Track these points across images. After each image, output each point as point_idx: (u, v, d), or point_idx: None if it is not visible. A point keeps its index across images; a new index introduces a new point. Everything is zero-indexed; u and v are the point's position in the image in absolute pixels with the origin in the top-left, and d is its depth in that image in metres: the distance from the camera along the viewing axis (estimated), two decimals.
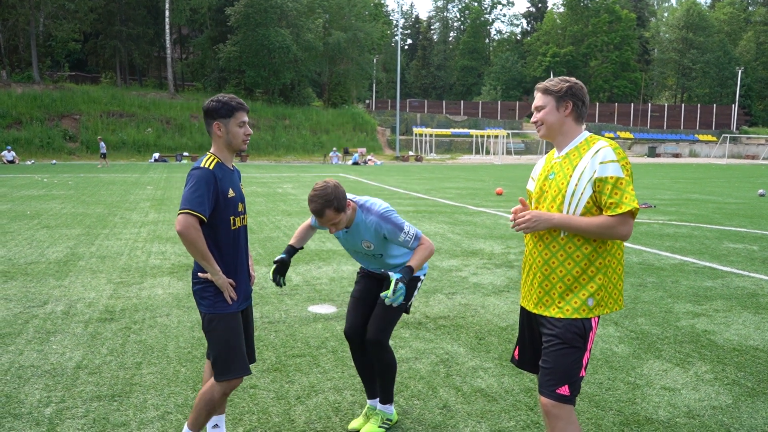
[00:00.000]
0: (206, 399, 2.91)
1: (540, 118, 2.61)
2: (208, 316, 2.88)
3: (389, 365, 3.34)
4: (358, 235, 3.25)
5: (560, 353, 2.48)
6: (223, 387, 2.89)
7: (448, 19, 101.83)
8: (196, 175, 2.80)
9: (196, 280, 2.92)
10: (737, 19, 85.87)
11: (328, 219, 3.04)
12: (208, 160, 2.88)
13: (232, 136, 2.90)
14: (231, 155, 2.98)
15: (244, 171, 30.24)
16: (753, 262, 8.28)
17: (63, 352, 4.56)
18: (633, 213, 2.40)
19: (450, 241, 9.79)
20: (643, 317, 5.63)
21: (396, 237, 3.16)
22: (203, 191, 2.76)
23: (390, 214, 3.19)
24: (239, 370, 2.89)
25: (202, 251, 2.78)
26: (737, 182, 26.19)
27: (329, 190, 3.01)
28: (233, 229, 2.93)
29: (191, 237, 2.73)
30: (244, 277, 3.01)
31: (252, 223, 11.55)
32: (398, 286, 3.03)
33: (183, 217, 2.73)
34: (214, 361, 2.89)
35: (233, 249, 2.94)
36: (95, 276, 7.03)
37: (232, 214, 2.91)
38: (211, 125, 2.89)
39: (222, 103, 2.88)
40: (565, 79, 2.58)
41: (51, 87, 45.49)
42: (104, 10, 51.08)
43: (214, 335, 2.87)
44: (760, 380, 4.18)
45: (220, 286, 2.85)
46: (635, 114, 73.70)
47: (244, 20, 50.10)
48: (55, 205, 13.81)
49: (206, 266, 2.82)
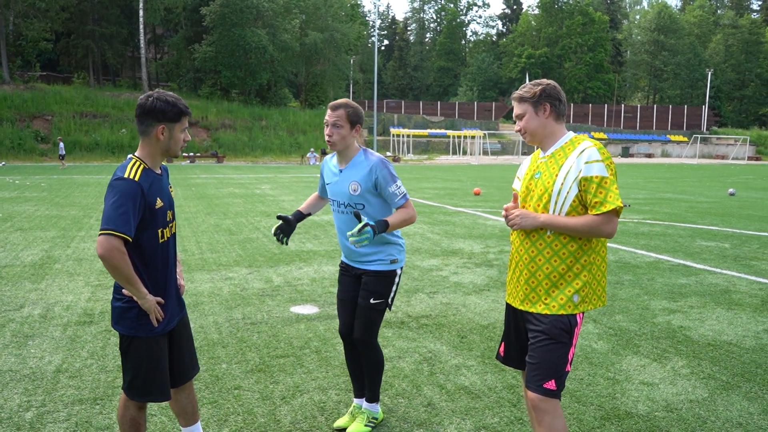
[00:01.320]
0: (128, 420, 2.70)
1: (522, 126, 2.66)
2: (128, 338, 2.61)
3: (377, 363, 3.37)
4: (350, 176, 3.22)
5: (547, 348, 2.53)
6: (139, 404, 2.70)
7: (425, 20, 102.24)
8: (119, 188, 2.47)
9: (118, 296, 2.62)
10: (707, 22, 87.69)
11: (337, 115, 3.15)
12: (134, 167, 2.55)
13: (173, 142, 2.65)
14: (161, 160, 2.70)
15: (222, 172, 30.01)
16: (725, 259, 8.48)
17: (42, 356, 4.49)
18: (617, 211, 2.46)
19: (430, 240, 9.84)
20: (620, 314, 5.74)
21: (387, 186, 3.17)
22: (128, 207, 2.45)
23: (389, 164, 3.25)
24: (157, 395, 2.67)
25: (127, 275, 2.48)
26: (708, 182, 26.76)
27: (354, 103, 3.22)
28: (161, 242, 2.65)
29: (114, 261, 2.42)
30: (172, 291, 2.75)
31: (231, 224, 11.48)
32: (366, 229, 2.99)
33: (105, 239, 2.40)
34: (129, 384, 2.64)
35: (162, 264, 2.67)
36: (72, 279, 6.93)
37: (161, 226, 2.63)
38: (152, 127, 2.59)
39: (170, 104, 2.59)
40: (537, 83, 2.63)
41: (22, 87, 44.63)
42: (76, 9, 50.24)
43: (133, 359, 2.62)
44: (734, 374, 4.29)
45: (147, 309, 2.57)
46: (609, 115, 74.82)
47: (220, 20, 49.74)
48: (28, 208, 13.57)
49: (132, 291, 2.53)
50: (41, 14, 47.15)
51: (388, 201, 3.25)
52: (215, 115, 48.82)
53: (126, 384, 2.67)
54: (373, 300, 3.29)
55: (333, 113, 3.17)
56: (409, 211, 3.22)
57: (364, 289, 3.31)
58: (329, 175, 3.37)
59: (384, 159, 3.25)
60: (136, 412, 2.70)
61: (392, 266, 3.31)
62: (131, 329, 2.60)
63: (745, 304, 6.12)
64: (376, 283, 3.29)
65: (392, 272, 3.32)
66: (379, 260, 3.28)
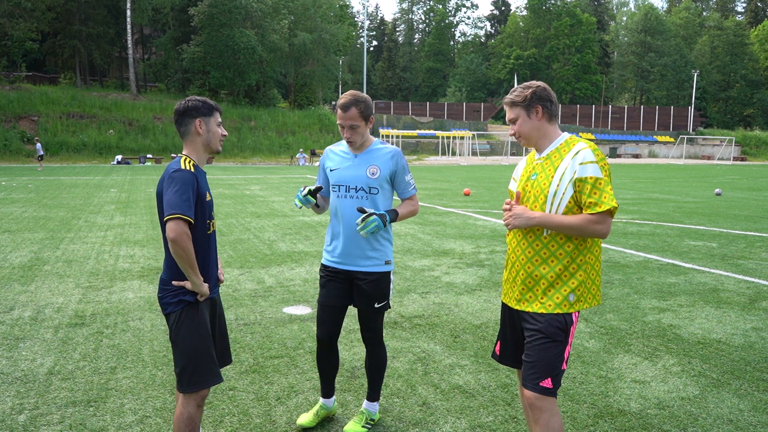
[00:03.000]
0: (185, 418, 2.73)
1: (516, 130, 2.68)
2: (177, 316, 2.74)
3: (384, 361, 3.43)
4: (369, 160, 3.26)
5: (543, 347, 2.55)
6: (198, 401, 2.76)
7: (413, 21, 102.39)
8: (179, 177, 2.66)
9: (165, 288, 2.77)
10: (692, 24, 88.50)
11: (351, 116, 3.14)
12: (186, 161, 2.77)
13: (212, 135, 2.85)
14: (206, 156, 2.90)
15: (210, 173, 29.89)
16: (713, 258, 8.57)
17: (33, 358, 4.46)
18: (611, 212, 2.49)
19: (421, 241, 9.87)
20: (611, 313, 5.79)
21: (404, 175, 3.31)
22: (189, 195, 2.64)
23: (404, 157, 3.35)
24: (210, 378, 2.75)
25: (191, 260, 2.64)
26: (695, 182, 27.01)
27: (361, 94, 3.19)
28: (209, 234, 2.84)
29: (184, 244, 2.59)
30: (212, 283, 2.89)
31: (221, 225, 11.44)
32: (372, 218, 3.09)
33: (175, 223, 2.57)
34: (182, 371, 2.72)
35: (207, 255, 2.83)
36: (62, 280, 6.88)
37: (208, 218, 2.82)
38: (191, 124, 2.81)
39: (202, 101, 2.84)
40: (527, 86, 2.65)
41: (7, 88, 44.17)
42: (62, 9, 49.82)
43: (183, 336, 2.73)
44: (724, 371, 4.34)
45: (201, 294, 2.76)
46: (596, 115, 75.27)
47: (208, 20, 49.53)
48: (15, 209, 13.44)
49: (191, 275, 2.68)
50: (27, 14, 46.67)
51: (398, 189, 3.33)
52: None
53: (178, 377, 2.73)
54: (377, 304, 3.32)
55: (346, 115, 3.15)
56: (415, 203, 3.38)
57: (364, 296, 3.29)
58: (337, 160, 3.33)
59: (400, 151, 3.33)
60: (194, 410, 2.75)
61: (387, 267, 3.33)
62: (179, 304, 2.73)
63: (733, 303, 6.19)
64: (375, 287, 3.29)
65: (388, 273, 3.35)
66: (376, 260, 3.29)
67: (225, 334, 3.05)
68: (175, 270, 2.75)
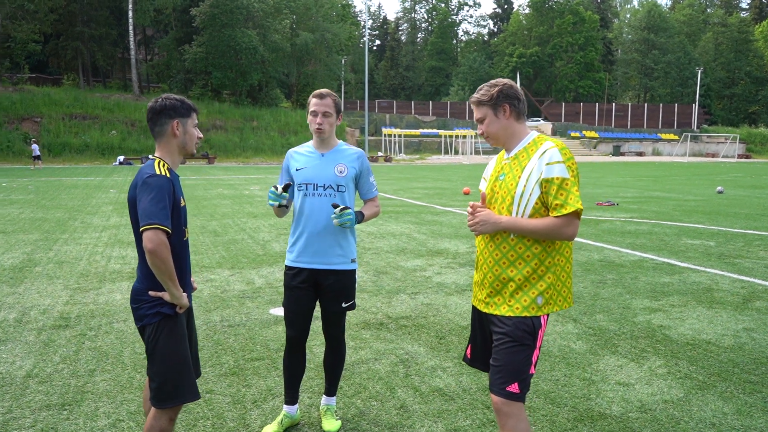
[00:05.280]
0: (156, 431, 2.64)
1: (484, 130, 2.62)
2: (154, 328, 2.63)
3: (344, 357, 3.54)
4: (336, 158, 3.32)
5: (510, 351, 2.50)
6: (170, 414, 2.66)
7: (416, 20, 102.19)
8: (155, 183, 2.53)
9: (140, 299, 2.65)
10: (696, 21, 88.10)
11: (326, 104, 3.24)
12: (160, 165, 2.63)
13: (188, 137, 2.74)
14: (180, 159, 2.78)
15: (212, 173, 29.90)
16: (709, 257, 8.49)
17: (13, 360, 4.43)
18: (578, 213, 2.43)
19: (415, 241, 9.81)
20: (601, 313, 5.72)
21: (368, 175, 3.41)
22: (165, 202, 2.52)
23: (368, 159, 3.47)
24: (188, 394, 2.65)
25: (170, 270, 2.53)
26: (697, 180, 26.86)
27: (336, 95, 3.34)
28: (184, 240, 2.73)
29: (163, 255, 2.48)
30: (189, 292, 2.79)
31: (217, 225, 11.42)
32: (348, 211, 3.16)
33: (153, 233, 2.45)
34: (158, 388, 2.61)
35: (183, 263, 2.73)
36: (52, 282, 6.86)
37: (183, 224, 2.72)
38: (167, 124, 2.67)
39: (179, 101, 2.70)
40: (493, 84, 2.59)
41: (10, 89, 44.27)
42: (65, 11, 49.88)
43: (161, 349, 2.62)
44: (711, 373, 4.28)
45: (180, 306, 2.65)
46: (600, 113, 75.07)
47: (210, 21, 49.51)
48: (13, 210, 13.44)
49: (171, 287, 2.57)
50: (30, 16, 46.74)
51: (362, 190, 3.41)
52: (206, 117, 48.59)
53: (154, 392, 2.61)
54: (344, 303, 3.36)
55: (322, 102, 3.25)
56: (377, 203, 3.48)
57: (331, 295, 3.31)
58: (303, 160, 3.34)
59: (364, 154, 3.43)
60: (166, 424, 2.64)
61: (353, 265, 3.36)
62: (156, 316, 2.61)
63: (726, 303, 6.11)
64: (341, 284, 3.31)
65: (353, 271, 3.37)
66: (342, 258, 3.31)
67: (197, 345, 2.97)
68: (151, 280, 2.62)
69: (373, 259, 8.32)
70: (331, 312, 3.36)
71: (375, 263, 8.02)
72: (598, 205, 15.25)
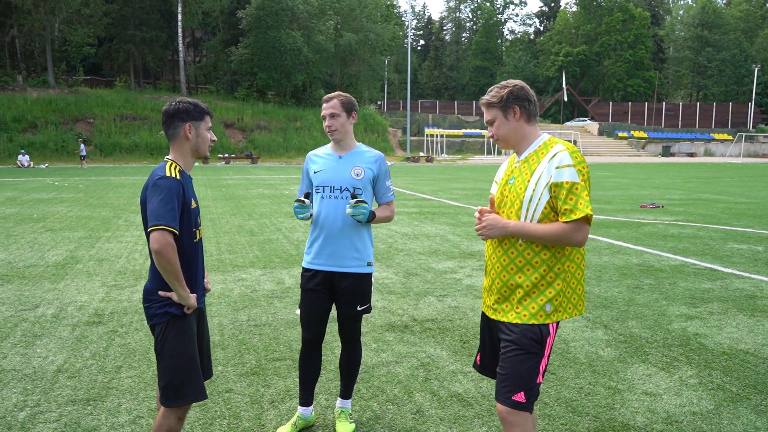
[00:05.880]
0: (164, 430, 2.68)
1: (494, 132, 2.57)
2: (162, 328, 2.67)
3: (360, 360, 3.52)
4: (353, 161, 3.32)
5: (517, 359, 2.44)
6: (179, 414, 2.70)
7: (461, 19, 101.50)
8: (164, 185, 2.58)
9: (150, 298, 2.70)
10: (754, 16, 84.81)
11: (333, 106, 3.27)
12: (172, 168, 2.68)
13: (201, 140, 2.78)
14: (193, 162, 2.83)
15: (254, 173, 30.37)
16: (756, 263, 8.14)
17: (46, 355, 4.58)
18: (588, 219, 2.36)
19: (449, 242, 9.73)
20: (634, 320, 5.55)
21: (386, 179, 3.40)
22: (174, 204, 2.56)
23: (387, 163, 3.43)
24: (193, 394, 2.69)
25: (177, 271, 2.57)
26: (751, 182, 25.83)
27: (345, 93, 3.35)
28: (195, 242, 2.76)
29: (169, 256, 2.52)
30: (199, 294, 2.82)
31: (254, 225, 11.58)
32: (364, 205, 3.17)
33: (160, 234, 2.50)
34: (165, 386, 2.66)
35: (195, 264, 2.76)
36: (90, 279, 7.07)
37: (194, 226, 2.74)
38: (179, 128, 2.73)
39: (192, 104, 2.75)
40: (503, 86, 2.53)
41: (66, 91, 46.01)
42: (118, 15, 51.54)
43: (169, 349, 2.66)
44: (746, 385, 4.09)
45: (188, 306, 2.69)
46: (649, 113, 73.04)
47: (256, 23, 50.32)
48: (62, 209, 13.94)
49: (177, 288, 2.61)
50: (85, 20, 48.56)
51: (378, 193, 3.38)
52: (251, 117, 49.46)
53: (162, 390, 2.66)
54: (359, 307, 3.36)
55: (328, 105, 3.29)
56: (392, 208, 3.43)
57: (346, 298, 3.31)
58: (321, 162, 3.37)
59: (384, 156, 3.42)
60: (174, 423, 2.68)
61: (369, 269, 3.34)
62: (164, 316, 2.66)
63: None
64: (357, 287, 3.30)
65: (369, 275, 3.35)
66: (358, 261, 3.30)
67: (209, 347, 2.99)
68: (161, 280, 2.66)
69: (405, 260, 8.28)
70: (346, 315, 3.36)
71: (406, 264, 7.99)
72: (641, 208, 14.83)
